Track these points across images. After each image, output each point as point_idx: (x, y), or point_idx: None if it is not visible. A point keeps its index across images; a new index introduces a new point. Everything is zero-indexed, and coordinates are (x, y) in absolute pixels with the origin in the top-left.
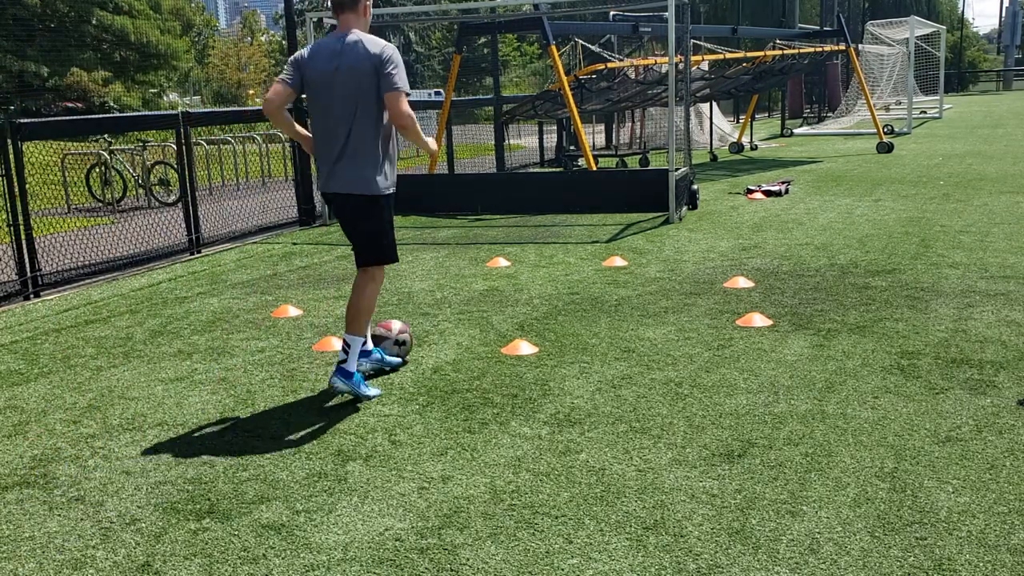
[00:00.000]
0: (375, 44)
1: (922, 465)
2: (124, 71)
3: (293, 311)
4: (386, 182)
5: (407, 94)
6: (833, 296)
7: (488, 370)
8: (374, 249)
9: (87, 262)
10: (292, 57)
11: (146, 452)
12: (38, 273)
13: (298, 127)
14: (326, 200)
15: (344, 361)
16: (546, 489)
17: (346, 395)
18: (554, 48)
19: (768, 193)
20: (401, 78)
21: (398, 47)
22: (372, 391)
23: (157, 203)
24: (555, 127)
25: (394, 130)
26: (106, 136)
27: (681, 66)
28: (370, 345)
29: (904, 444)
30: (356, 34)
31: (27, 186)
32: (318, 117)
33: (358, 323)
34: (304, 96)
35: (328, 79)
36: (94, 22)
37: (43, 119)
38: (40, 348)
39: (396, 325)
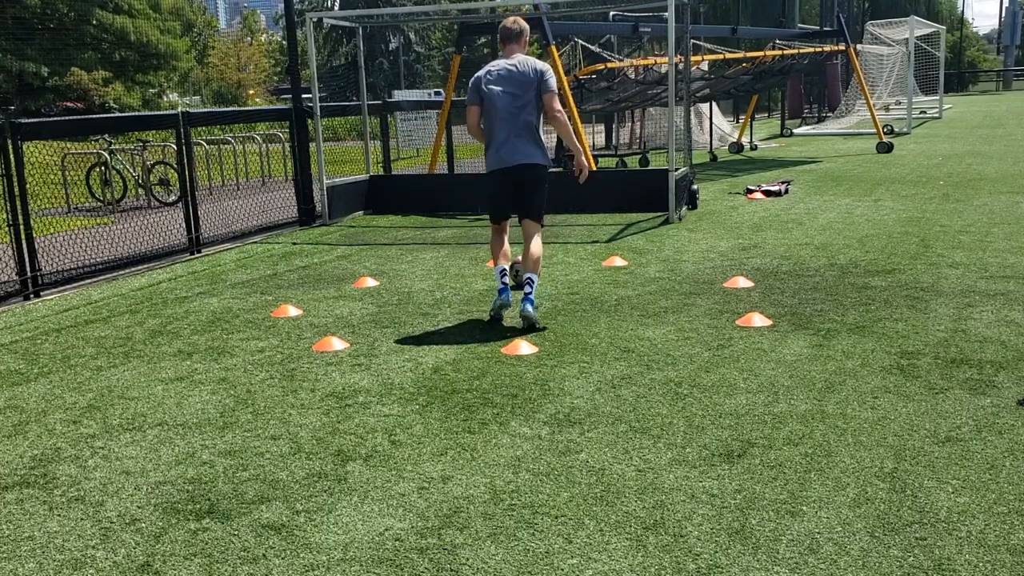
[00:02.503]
0: (537, 63)
1: (922, 465)
2: (124, 71)
3: (293, 311)
4: (546, 158)
5: (559, 96)
6: (833, 296)
7: (488, 370)
8: (538, 206)
9: (87, 262)
10: (472, 81)
11: (146, 452)
12: (38, 273)
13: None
14: (502, 174)
15: (530, 293)
16: (546, 489)
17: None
18: (554, 48)
19: (768, 193)
20: (554, 84)
21: (398, 47)
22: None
23: (157, 203)
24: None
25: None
26: (106, 136)
27: (681, 66)
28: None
29: (904, 444)
30: (520, 56)
31: (27, 186)
32: (494, 115)
33: (538, 265)
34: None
35: (503, 88)
36: (94, 22)
37: (43, 119)
38: (40, 348)
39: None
